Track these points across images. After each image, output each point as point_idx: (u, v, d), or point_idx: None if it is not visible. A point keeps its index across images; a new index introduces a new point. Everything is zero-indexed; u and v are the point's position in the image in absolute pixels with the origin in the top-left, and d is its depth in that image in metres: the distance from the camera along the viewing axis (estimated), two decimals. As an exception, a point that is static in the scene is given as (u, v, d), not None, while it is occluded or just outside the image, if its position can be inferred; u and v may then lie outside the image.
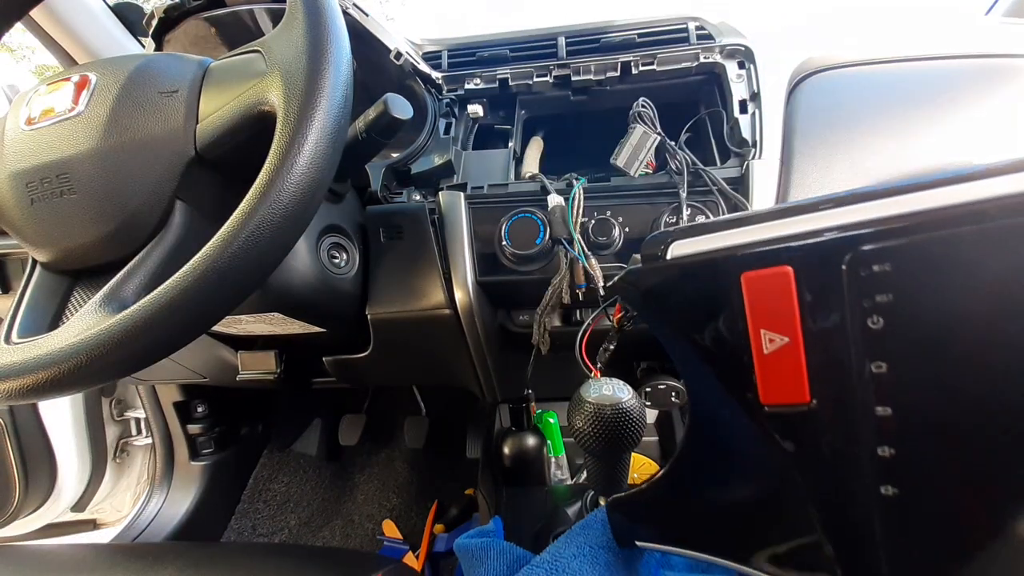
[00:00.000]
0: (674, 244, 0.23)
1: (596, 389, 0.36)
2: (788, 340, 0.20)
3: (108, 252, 0.38)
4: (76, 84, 0.39)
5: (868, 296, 0.19)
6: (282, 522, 1.09)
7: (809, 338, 0.20)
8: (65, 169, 0.37)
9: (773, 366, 0.21)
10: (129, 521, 0.95)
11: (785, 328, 0.20)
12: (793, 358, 0.20)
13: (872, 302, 0.19)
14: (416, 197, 0.60)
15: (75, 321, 0.33)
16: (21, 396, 0.31)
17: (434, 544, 0.98)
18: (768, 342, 0.21)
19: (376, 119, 0.47)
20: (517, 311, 0.62)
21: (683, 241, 0.23)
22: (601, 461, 0.41)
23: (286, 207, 0.32)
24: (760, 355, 0.21)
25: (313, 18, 0.36)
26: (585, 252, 0.51)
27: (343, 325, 0.58)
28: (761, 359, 0.21)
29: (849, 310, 0.19)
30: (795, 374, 0.20)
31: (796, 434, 0.21)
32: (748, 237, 0.21)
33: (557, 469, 0.77)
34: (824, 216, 0.20)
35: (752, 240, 0.21)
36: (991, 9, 0.77)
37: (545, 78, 0.64)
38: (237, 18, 0.59)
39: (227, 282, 0.31)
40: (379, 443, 1.20)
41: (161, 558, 0.44)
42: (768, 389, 0.21)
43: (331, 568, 0.44)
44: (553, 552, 0.39)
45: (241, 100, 0.37)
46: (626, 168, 0.54)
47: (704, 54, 0.60)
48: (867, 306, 0.19)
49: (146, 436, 1.02)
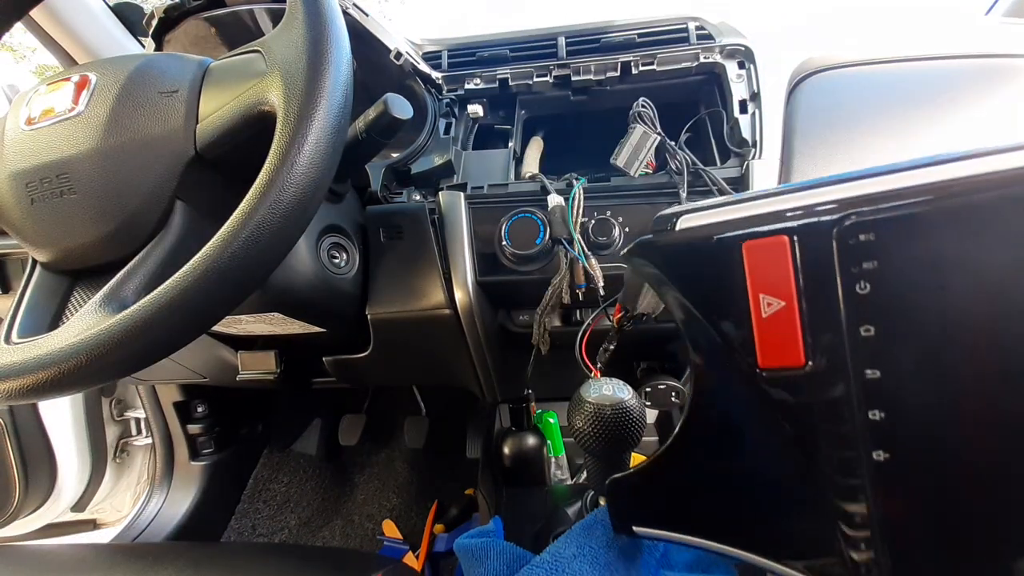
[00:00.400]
0: (683, 218, 0.26)
1: (596, 389, 0.36)
2: (784, 304, 0.22)
3: (108, 252, 0.38)
4: (76, 84, 0.39)
5: (856, 263, 0.21)
6: (282, 522, 1.09)
7: (803, 302, 0.22)
8: (65, 169, 0.37)
9: (771, 329, 0.23)
10: (129, 521, 0.95)
11: (782, 292, 0.22)
12: (789, 321, 0.22)
13: (859, 268, 0.20)
14: (416, 197, 0.60)
15: (75, 321, 0.33)
16: (21, 396, 0.31)
17: (434, 544, 0.98)
18: (766, 306, 0.23)
19: (376, 119, 0.47)
20: (517, 311, 0.62)
21: (691, 215, 0.25)
22: (601, 461, 0.41)
23: (286, 207, 0.32)
24: (759, 319, 0.23)
25: (313, 18, 0.36)
26: (585, 252, 0.51)
27: (343, 325, 0.58)
28: (760, 322, 0.23)
29: (839, 276, 0.21)
30: (791, 336, 0.22)
31: (791, 399, 0.23)
32: (749, 212, 0.24)
33: (557, 469, 0.77)
34: (817, 193, 0.22)
35: (753, 214, 0.23)
36: (991, 9, 0.77)
37: (545, 78, 0.64)
38: (237, 18, 0.59)
39: (227, 282, 0.31)
40: (379, 443, 1.20)
41: (161, 558, 0.44)
42: (766, 352, 0.23)
43: (331, 568, 0.44)
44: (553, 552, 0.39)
45: (241, 100, 0.37)
46: (626, 168, 0.54)
47: (704, 54, 0.60)
48: (855, 272, 0.21)
49: (146, 436, 1.02)
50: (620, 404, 0.34)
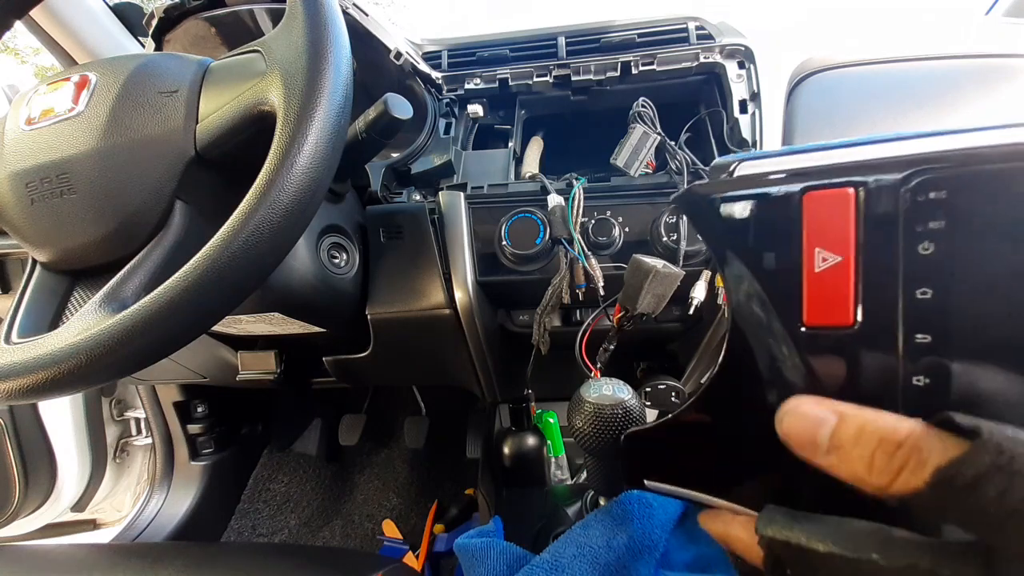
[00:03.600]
0: (743, 164, 0.25)
1: (596, 389, 0.36)
2: (841, 259, 0.21)
3: (108, 252, 0.38)
4: (76, 84, 0.39)
5: (922, 221, 0.19)
6: (282, 522, 1.09)
7: (861, 258, 0.21)
8: (65, 169, 0.37)
9: (822, 284, 0.21)
10: (129, 521, 0.95)
11: (839, 247, 0.21)
12: (843, 277, 0.21)
13: (925, 227, 0.19)
14: (416, 197, 0.60)
15: (75, 321, 0.33)
16: (21, 396, 0.31)
17: (434, 544, 0.98)
18: (821, 260, 0.21)
19: (376, 119, 0.47)
20: (517, 311, 0.62)
21: (751, 162, 0.24)
22: (601, 461, 0.41)
23: (286, 207, 0.32)
24: (811, 273, 0.22)
25: (313, 18, 0.36)
26: (585, 252, 0.51)
27: (343, 325, 0.58)
28: (811, 277, 0.22)
29: (903, 234, 0.20)
30: (842, 293, 0.21)
31: (834, 358, 0.22)
32: (813, 162, 0.23)
33: (557, 469, 0.77)
34: (887, 147, 0.21)
35: (817, 164, 0.22)
36: (991, 9, 0.77)
37: (545, 78, 0.64)
38: (237, 18, 0.59)
39: (227, 282, 0.31)
40: (379, 443, 1.20)
41: (161, 558, 0.44)
42: (813, 308, 0.22)
43: (331, 568, 0.44)
44: (553, 552, 0.39)
45: (241, 100, 0.37)
46: (626, 168, 0.54)
47: (704, 54, 0.60)
48: (920, 231, 0.20)
49: (146, 436, 1.02)
50: (620, 404, 0.34)
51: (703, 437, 0.27)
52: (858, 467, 0.18)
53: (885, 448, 0.18)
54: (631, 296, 0.42)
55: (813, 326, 0.22)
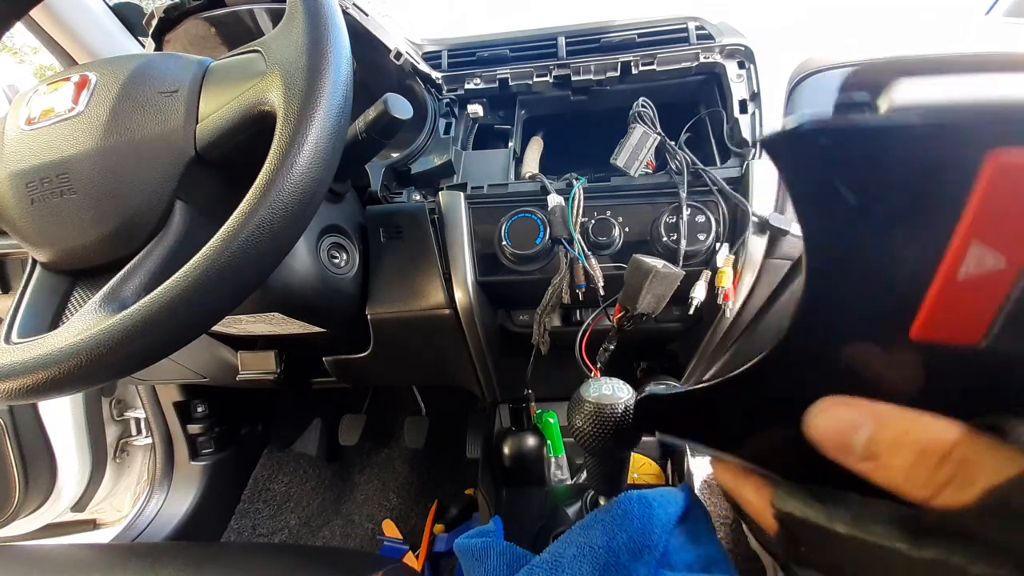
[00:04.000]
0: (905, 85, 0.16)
1: (596, 389, 0.36)
2: (1004, 265, 0.14)
3: (108, 252, 0.38)
4: (76, 84, 0.39)
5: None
6: (282, 522, 1.09)
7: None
8: (65, 169, 0.37)
9: (958, 295, 0.15)
10: (129, 521, 0.95)
11: (1014, 248, 0.14)
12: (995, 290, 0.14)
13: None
14: (416, 197, 0.60)
15: (75, 321, 0.33)
16: (21, 396, 0.31)
17: (434, 544, 0.98)
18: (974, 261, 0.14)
19: (376, 119, 0.47)
20: (517, 311, 0.62)
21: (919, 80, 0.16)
22: (601, 461, 0.41)
23: (286, 207, 0.32)
24: (949, 275, 0.15)
25: (313, 18, 0.36)
26: (585, 252, 0.51)
27: (343, 325, 0.58)
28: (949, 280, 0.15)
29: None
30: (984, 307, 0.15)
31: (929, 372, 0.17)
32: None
33: (557, 469, 0.77)
34: None
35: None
36: (991, 9, 0.77)
37: (545, 78, 0.64)
38: (237, 18, 0.59)
39: (227, 282, 0.31)
40: (379, 443, 1.20)
41: (161, 558, 0.44)
42: (936, 318, 0.16)
43: (331, 568, 0.44)
44: (553, 552, 0.39)
45: (241, 100, 0.37)
46: (626, 168, 0.54)
47: (704, 54, 0.60)
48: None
49: (146, 436, 1.02)
50: (620, 404, 0.34)
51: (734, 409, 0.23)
52: (896, 477, 0.16)
53: (927, 460, 0.15)
54: (631, 296, 0.42)
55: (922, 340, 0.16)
